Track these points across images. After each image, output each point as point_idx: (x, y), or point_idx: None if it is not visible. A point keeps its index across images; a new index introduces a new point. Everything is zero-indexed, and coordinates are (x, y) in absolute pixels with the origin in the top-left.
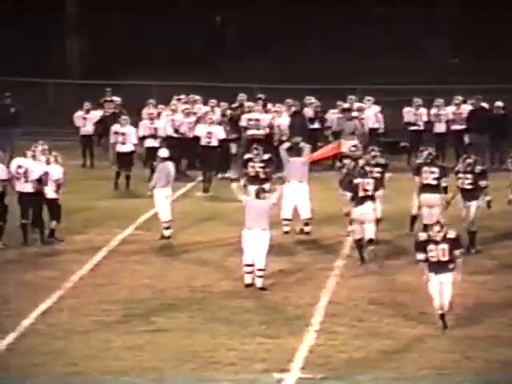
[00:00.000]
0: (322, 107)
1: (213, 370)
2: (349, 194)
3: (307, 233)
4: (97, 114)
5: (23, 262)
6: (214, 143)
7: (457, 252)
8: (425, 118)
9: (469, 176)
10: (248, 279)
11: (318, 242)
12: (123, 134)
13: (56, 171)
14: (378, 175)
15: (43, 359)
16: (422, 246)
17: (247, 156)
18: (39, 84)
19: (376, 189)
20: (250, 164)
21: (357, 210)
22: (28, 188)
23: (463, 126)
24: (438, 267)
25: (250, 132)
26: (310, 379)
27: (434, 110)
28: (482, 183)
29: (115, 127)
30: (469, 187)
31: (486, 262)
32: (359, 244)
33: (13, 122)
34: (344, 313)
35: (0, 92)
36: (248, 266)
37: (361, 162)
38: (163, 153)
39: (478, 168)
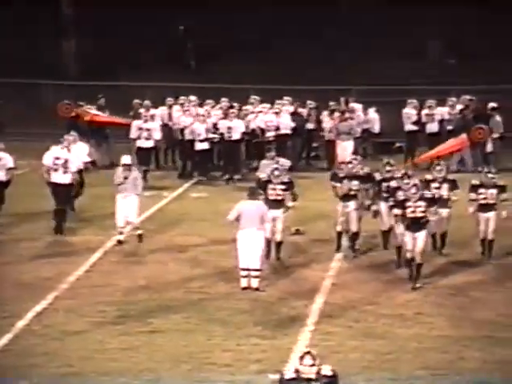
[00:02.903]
0: (318, 108)
1: (208, 370)
2: (338, 185)
3: (298, 231)
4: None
5: (19, 263)
6: (236, 137)
7: None
8: (415, 118)
9: (421, 203)
10: (244, 283)
11: (314, 243)
12: (148, 129)
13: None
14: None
15: (38, 360)
16: None
17: (265, 177)
18: (34, 85)
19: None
20: (270, 186)
21: (342, 204)
22: (67, 179)
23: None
24: None
25: (269, 134)
26: None
27: (425, 111)
28: (432, 210)
29: (137, 123)
30: (420, 215)
31: (482, 261)
32: (339, 236)
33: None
34: (339, 313)
35: None
36: (244, 270)
37: (378, 175)
38: (126, 160)
39: (428, 193)
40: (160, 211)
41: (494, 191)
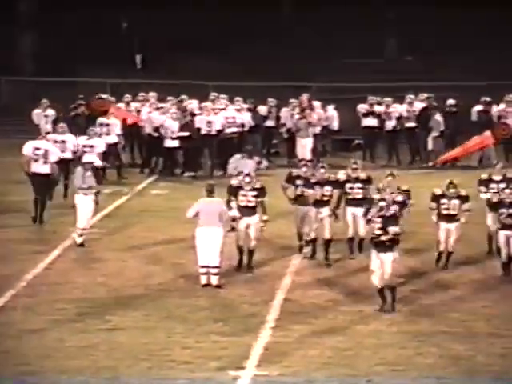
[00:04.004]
0: (277, 105)
1: (168, 368)
2: (311, 191)
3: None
4: (53, 113)
5: None
6: (214, 132)
7: None
8: (363, 111)
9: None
10: (204, 280)
11: (274, 240)
12: (108, 124)
13: (100, 143)
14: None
15: None
16: None
17: (236, 183)
18: None
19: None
20: (242, 193)
21: (315, 211)
22: (46, 169)
23: (416, 124)
24: None
25: (229, 130)
26: (266, 376)
27: (383, 108)
28: (393, 230)
29: (100, 119)
30: (379, 232)
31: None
32: (313, 242)
33: None
34: (299, 310)
35: None
36: (203, 267)
37: (342, 175)
38: (88, 158)
39: (391, 210)
40: (120, 208)
41: (456, 202)
